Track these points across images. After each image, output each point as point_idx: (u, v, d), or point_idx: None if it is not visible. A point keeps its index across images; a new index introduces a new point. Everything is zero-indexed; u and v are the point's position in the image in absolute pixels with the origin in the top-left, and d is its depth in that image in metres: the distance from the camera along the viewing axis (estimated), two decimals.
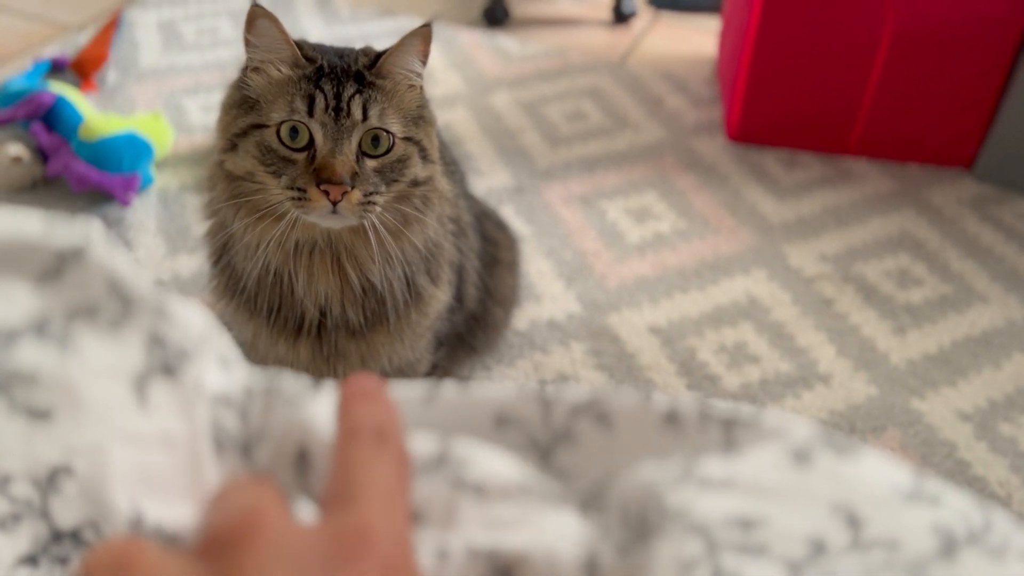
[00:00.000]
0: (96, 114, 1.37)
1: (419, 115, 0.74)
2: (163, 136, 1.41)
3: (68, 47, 1.72)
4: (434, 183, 0.76)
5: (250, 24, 0.69)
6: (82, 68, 1.61)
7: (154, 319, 0.30)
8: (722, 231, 1.38)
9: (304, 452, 0.30)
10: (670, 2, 2.07)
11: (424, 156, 0.74)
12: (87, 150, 1.29)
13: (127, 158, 1.31)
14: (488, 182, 1.45)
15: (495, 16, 1.98)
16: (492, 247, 1.02)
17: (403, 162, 0.72)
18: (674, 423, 0.31)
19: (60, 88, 1.39)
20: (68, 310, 0.29)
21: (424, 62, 0.73)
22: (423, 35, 0.71)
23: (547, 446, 0.31)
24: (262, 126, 0.70)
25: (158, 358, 0.29)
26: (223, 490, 0.27)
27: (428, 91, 0.77)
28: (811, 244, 1.36)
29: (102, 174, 1.28)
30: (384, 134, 0.70)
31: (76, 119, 1.33)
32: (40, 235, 0.29)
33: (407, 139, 0.72)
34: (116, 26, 1.75)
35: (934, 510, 0.28)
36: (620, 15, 2.02)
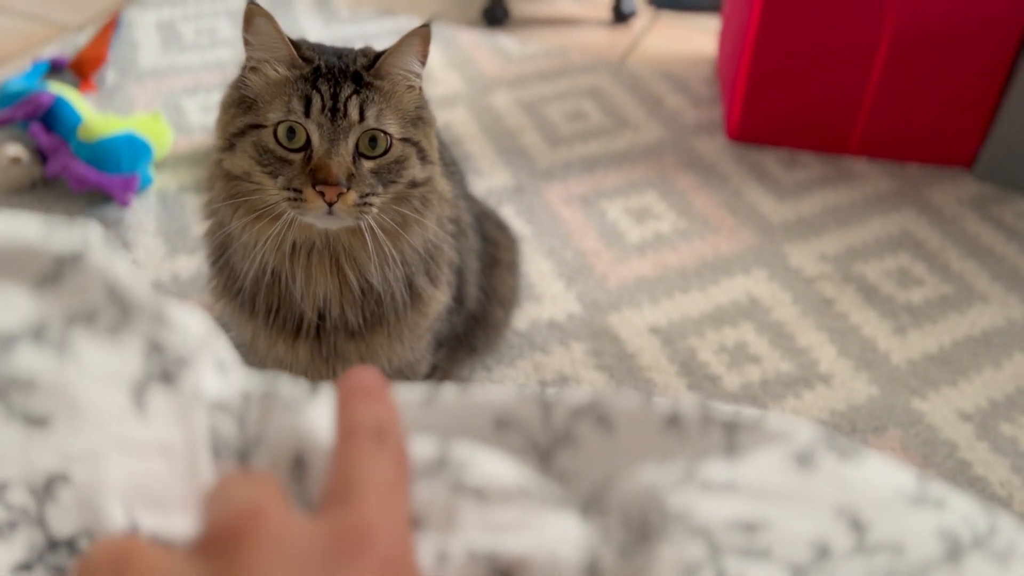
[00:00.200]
0: (95, 114, 1.36)
1: (418, 116, 0.74)
2: (162, 136, 1.40)
3: (67, 47, 1.71)
4: (433, 184, 0.76)
5: (247, 23, 0.69)
6: (81, 68, 1.60)
7: (153, 325, 0.29)
8: (722, 231, 1.38)
9: (300, 458, 0.29)
10: (670, 2, 2.07)
11: (423, 157, 0.74)
12: (86, 151, 1.29)
13: (126, 159, 1.31)
14: (488, 182, 1.45)
15: (495, 16, 1.97)
16: (492, 247, 1.02)
17: (401, 163, 0.72)
18: (675, 426, 0.31)
19: (59, 88, 1.39)
20: (66, 315, 0.28)
21: (423, 62, 0.73)
22: (422, 35, 0.71)
23: (547, 449, 0.31)
24: (259, 126, 0.69)
25: (157, 365, 0.29)
26: (221, 483, 0.26)
27: (427, 91, 0.76)
28: (811, 244, 1.36)
29: (101, 175, 1.28)
30: (381, 135, 0.70)
31: (75, 119, 1.32)
32: (39, 239, 0.28)
33: (405, 140, 0.72)
34: (115, 26, 1.75)
35: (939, 514, 0.27)
36: (620, 15, 2.02)
